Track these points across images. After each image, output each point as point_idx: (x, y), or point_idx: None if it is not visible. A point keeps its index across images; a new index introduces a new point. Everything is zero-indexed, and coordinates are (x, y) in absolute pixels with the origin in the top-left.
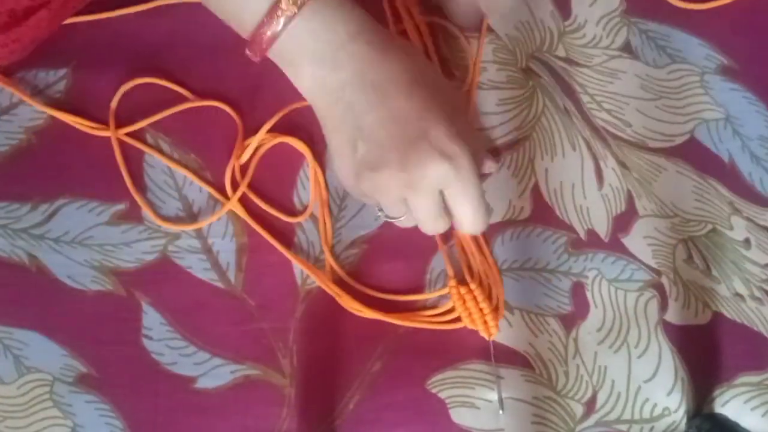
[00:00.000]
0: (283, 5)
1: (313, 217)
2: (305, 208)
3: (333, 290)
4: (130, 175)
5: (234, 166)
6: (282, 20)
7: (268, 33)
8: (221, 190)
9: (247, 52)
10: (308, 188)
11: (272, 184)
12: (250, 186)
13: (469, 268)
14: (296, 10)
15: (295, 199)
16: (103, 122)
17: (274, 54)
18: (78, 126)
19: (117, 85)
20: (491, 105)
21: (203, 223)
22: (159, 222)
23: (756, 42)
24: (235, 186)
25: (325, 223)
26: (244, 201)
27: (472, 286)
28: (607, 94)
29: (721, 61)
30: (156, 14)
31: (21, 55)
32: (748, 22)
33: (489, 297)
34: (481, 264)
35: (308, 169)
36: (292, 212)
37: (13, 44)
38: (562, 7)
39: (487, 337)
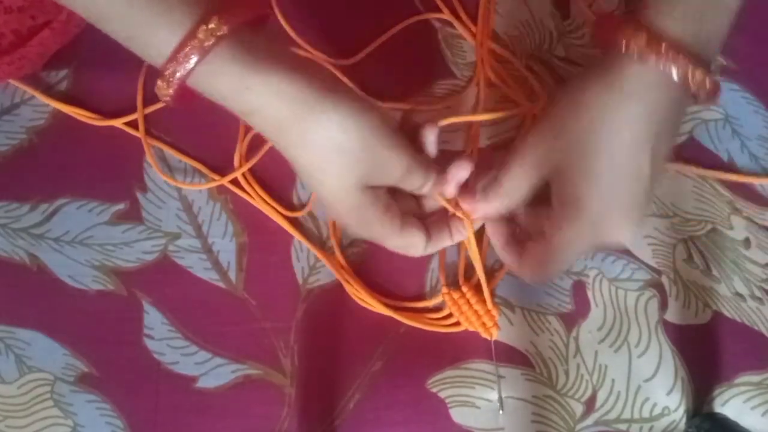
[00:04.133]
0: (191, 45)
1: (312, 216)
2: (304, 207)
3: (343, 276)
4: (130, 176)
5: (239, 153)
6: (195, 57)
7: (180, 72)
8: (220, 188)
9: (157, 90)
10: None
11: (272, 183)
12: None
13: (465, 270)
14: (206, 48)
15: (295, 199)
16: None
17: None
18: (84, 118)
19: (118, 85)
20: (491, 102)
21: (209, 182)
22: (166, 179)
23: (754, 42)
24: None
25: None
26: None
27: (464, 289)
28: None
29: (720, 61)
30: None
31: (32, 69)
32: (747, 23)
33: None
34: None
35: None
36: (292, 210)
37: (20, 61)
38: (562, 8)
39: (488, 338)
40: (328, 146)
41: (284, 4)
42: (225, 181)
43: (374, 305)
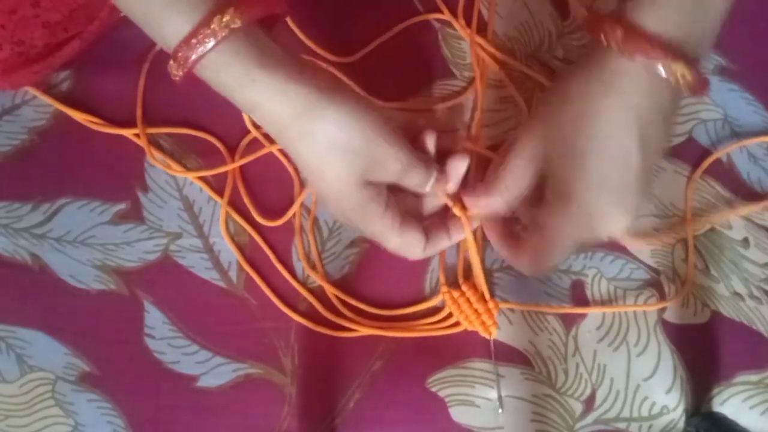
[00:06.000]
0: (204, 33)
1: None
2: (308, 212)
3: (321, 313)
4: (131, 176)
5: (233, 167)
6: (208, 44)
7: (192, 56)
8: (221, 189)
9: (169, 68)
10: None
11: (272, 188)
12: (248, 188)
13: (464, 270)
14: (219, 38)
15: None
16: (107, 121)
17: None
18: (86, 123)
19: (120, 86)
20: (491, 103)
21: (211, 172)
22: (168, 170)
23: (754, 43)
24: (233, 185)
25: (302, 239)
26: (240, 203)
27: (464, 288)
28: None
29: (720, 62)
30: None
31: (49, 76)
32: (747, 24)
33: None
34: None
35: None
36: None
37: (46, 69)
38: (561, 8)
39: (487, 337)
40: (328, 143)
41: (286, 2)
42: (215, 172)
43: (363, 330)
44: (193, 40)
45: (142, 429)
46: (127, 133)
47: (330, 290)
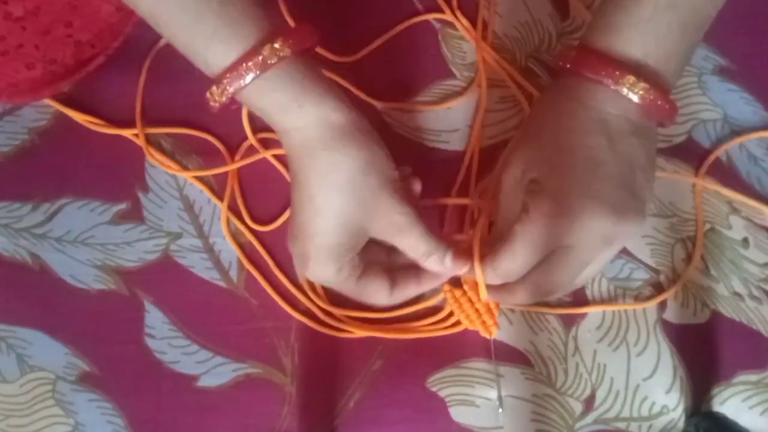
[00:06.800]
0: (253, 61)
1: None
2: None
3: (320, 317)
4: (131, 176)
5: (234, 167)
6: (253, 73)
7: (238, 83)
8: (221, 190)
9: (209, 94)
10: None
11: (275, 188)
12: (250, 188)
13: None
14: (267, 66)
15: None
16: (107, 121)
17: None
18: (86, 123)
19: (121, 87)
20: (492, 103)
21: (211, 172)
22: (167, 169)
23: (753, 43)
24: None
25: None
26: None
27: (465, 287)
28: None
29: (719, 61)
30: None
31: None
32: (746, 23)
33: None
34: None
35: None
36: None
37: (69, 85)
38: (561, 8)
39: (488, 337)
40: (348, 179)
41: (286, 2)
42: (216, 172)
43: (357, 333)
44: (241, 68)
45: (143, 428)
46: (127, 133)
47: (324, 306)
